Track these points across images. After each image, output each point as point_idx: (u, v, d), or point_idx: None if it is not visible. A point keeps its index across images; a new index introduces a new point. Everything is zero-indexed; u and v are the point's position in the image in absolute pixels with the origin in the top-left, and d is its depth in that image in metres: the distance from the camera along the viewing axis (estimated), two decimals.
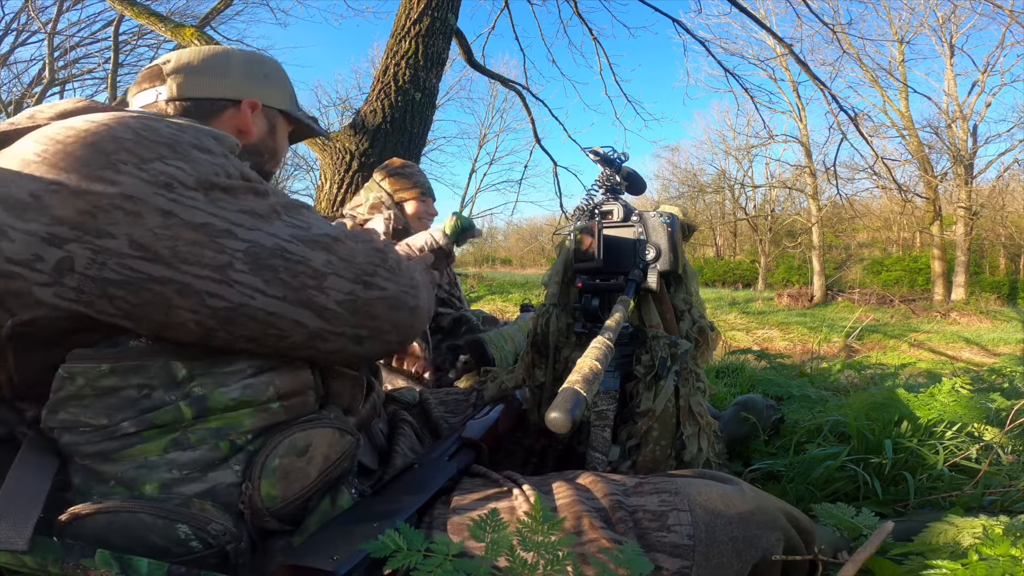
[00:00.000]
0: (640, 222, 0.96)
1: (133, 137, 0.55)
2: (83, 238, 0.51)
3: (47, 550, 0.50)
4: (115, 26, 7.33)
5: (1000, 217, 18.52)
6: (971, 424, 1.26)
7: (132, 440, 0.55)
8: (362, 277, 0.64)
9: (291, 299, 0.58)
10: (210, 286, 0.55)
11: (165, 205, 0.53)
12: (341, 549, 0.54)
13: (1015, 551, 0.61)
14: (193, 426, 0.57)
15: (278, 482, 0.58)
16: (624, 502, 0.65)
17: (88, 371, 0.54)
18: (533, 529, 0.51)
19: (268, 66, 0.91)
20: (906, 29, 15.66)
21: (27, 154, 0.53)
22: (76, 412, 0.55)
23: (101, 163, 0.53)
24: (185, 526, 0.54)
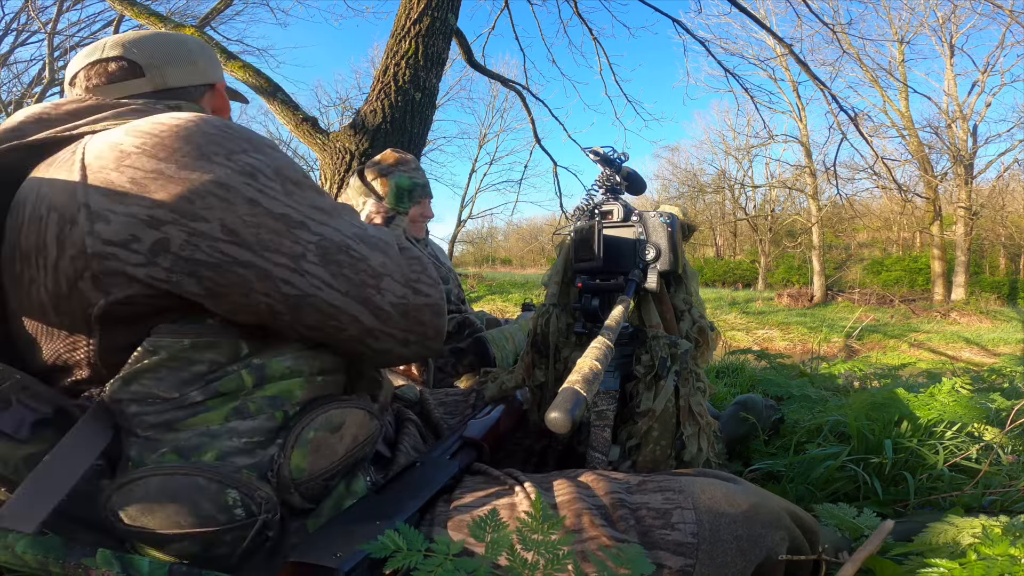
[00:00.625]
0: (640, 222, 0.96)
1: (219, 132, 0.60)
2: (179, 221, 0.55)
3: (48, 549, 0.50)
4: (115, 26, 7.33)
5: (1000, 217, 18.53)
6: (971, 424, 1.26)
7: (198, 409, 0.59)
8: (411, 283, 0.68)
9: (353, 295, 0.63)
10: (285, 274, 0.59)
11: (251, 194, 0.58)
12: (344, 546, 0.54)
13: (1013, 551, 0.61)
14: (253, 394, 0.61)
15: (309, 455, 0.61)
16: (626, 500, 0.65)
17: (172, 345, 0.58)
18: (533, 528, 0.51)
19: (209, 47, 0.92)
20: (906, 29, 15.67)
21: (125, 146, 0.57)
22: (149, 384, 0.58)
23: (196, 154, 0.57)
24: (235, 491, 0.57)
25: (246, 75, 3.02)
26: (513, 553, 0.50)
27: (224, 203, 0.56)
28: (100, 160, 0.57)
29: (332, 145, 2.76)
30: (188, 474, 0.56)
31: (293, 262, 0.59)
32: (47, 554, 0.50)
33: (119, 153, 0.57)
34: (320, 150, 2.81)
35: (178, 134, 0.58)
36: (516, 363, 1.13)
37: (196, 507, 0.55)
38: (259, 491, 0.58)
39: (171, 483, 0.55)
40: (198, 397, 0.59)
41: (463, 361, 1.63)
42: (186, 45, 0.86)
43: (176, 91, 0.83)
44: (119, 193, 0.55)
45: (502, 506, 0.65)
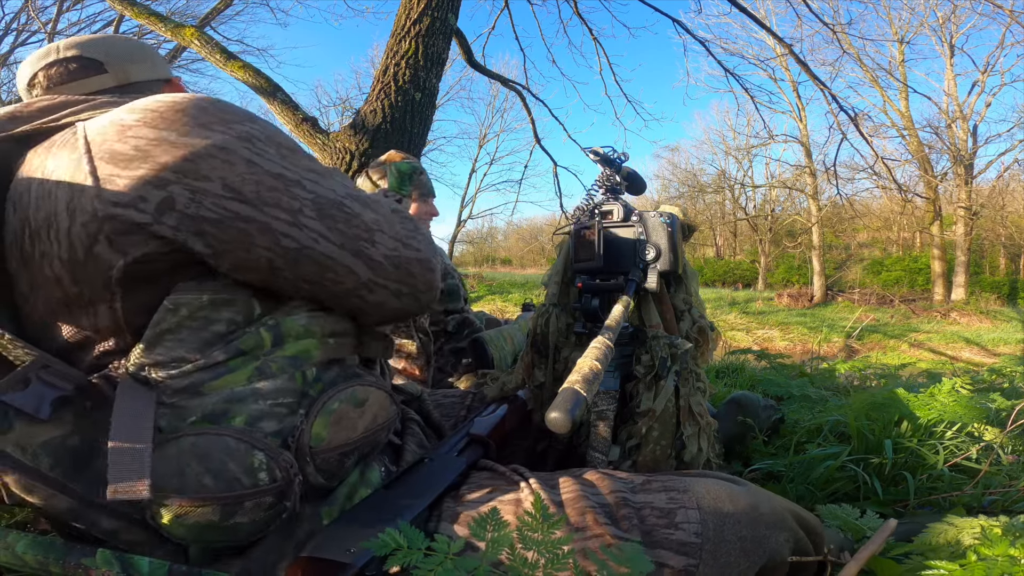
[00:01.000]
0: (640, 222, 0.96)
1: (214, 105, 0.64)
2: (183, 180, 0.58)
3: (48, 549, 0.50)
4: (115, 26, 7.34)
5: (1000, 217, 18.53)
6: (971, 424, 1.26)
7: (221, 370, 0.61)
8: (401, 238, 0.72)
9: (348, 247, 0.66)
10: (284, 227, 0.62)
11: (249, 155, 0.61)
12: (357, 542, 0.55)
13: (1013, 551, 0.61)
14: (272, 353, 0.64)
15: (330, 425, 0.64)
16: (630, 499, 0.66)
17: (192, 302, 0.60)
18: (533, 527, 0.52)
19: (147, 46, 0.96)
20: (906, 29, 15.67)
21: (127, 120, 0.60)
22: (172, 345, 0.60)
23: (194, 123, 0.60)
24: (262, 454, 0.58)
25: (246, 75, 3.02)
26: (513, 552, 0.50)
27: (225, 164, 0.60)
28: (103, 135, 0.59)
29: (332, 145, 2.76)
30: (219, 435, 0.58)
31: (291, 216, 0.63)
32: (47, 554, 0.50)
33: (121, 127, 0.59)
34: (320, 150, 2.81)
35: (176, 107, 0.61)
36: (515, 363, 1.13)
37: (223, 468, 0.57)
38: (283, 455, 0.60)
39: (201, 442, 0.57)
40: (220, 356, 0.61)
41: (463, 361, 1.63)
42: (134, 43, 0.91)
43: (138, 85, 0.86)
44: (125, 159, 0.57)
45: (508, 502, 0.65)
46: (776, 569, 0.66)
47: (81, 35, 0.87)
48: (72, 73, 0.81)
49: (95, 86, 0.82)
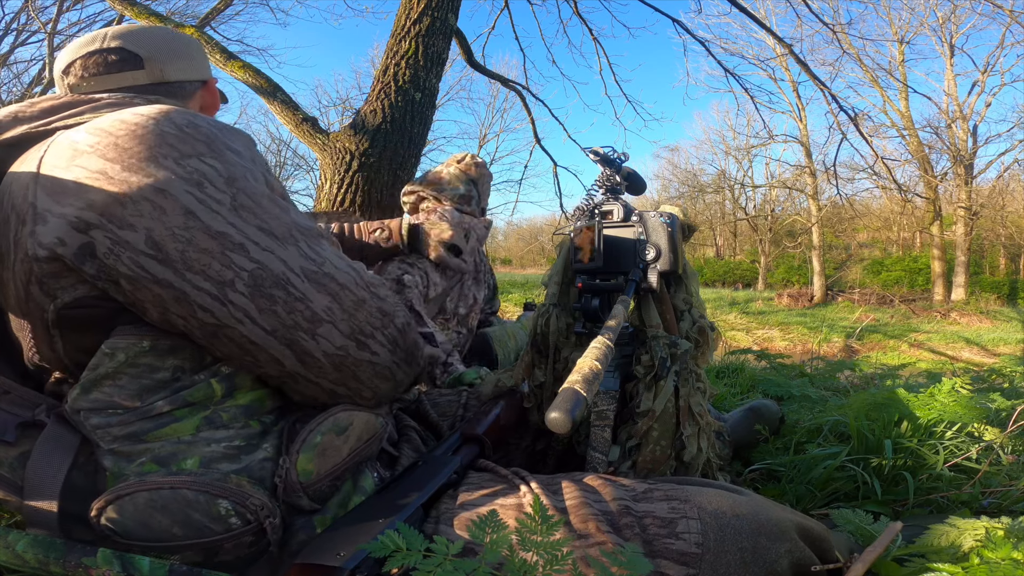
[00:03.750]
0: (640, 222, 0.96)
1: (176, 132, 0.58)
2: (106, 226, 0.53)
3: (49, 548, 0.50)
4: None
5: (1000, 217, 18.52)
6: (971, 424, 1.26)
7: (165, 420, 0.57)
8: (357, 335, 0.63)
9: (279, 335, 0.58)
10: (205, 300, 0.55)
11: (191, 204, 0.55)
12: (348, 546, 0.55)
13: (1016, 554, 0.61)
14: (223, 404, 0.60)
15: (315, 458, 0.60)
16: (632, 508, 0.65)
17: (130, 347, 0.57)
18: (532, 529, 0.51)
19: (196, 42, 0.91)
20: (906, 29, 15.67)
21: (80, 144, 0.56)
22: (110, 392, 0.56)
23: (144, 155, 0.55)
24: (226, 501, 0.55)
25: (246, 75, 3.02)
26: (512, 554, 0.50)
27: (157, 211, 0.54)
28: (55, 158, 0.56)
29: (332, 145, 2.76)
30: (174, 487, 0.54)
31: (217, 288, 0.55)
32: (48, 554, 0.50)
33: (73, 151, 0.56)
34: (320, 150, 2.81)
35: (133, 132, 0.56)
36: (517, 361, 1.13)
37: (188, 519, 0.55)
38: (251, 498, 0.56)
39: (158, 498, 0.54)
40: (165, 407, 0.57)
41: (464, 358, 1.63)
42: (182, 40, 0.86)
43: (172, 85, 0.82)
44: (61, 192, 0.54)
45: (508, 505, 0.64)
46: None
47: (131, 25, 0.85)
48: (109, 65, 0.78)
49: (127, 81, 0.78)
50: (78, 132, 0.58)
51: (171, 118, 0.59)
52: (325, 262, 0.62)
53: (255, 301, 0.56)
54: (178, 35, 0.87)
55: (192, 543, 0.54)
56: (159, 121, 0.58)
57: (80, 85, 0.78)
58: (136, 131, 0.56)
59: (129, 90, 0.78)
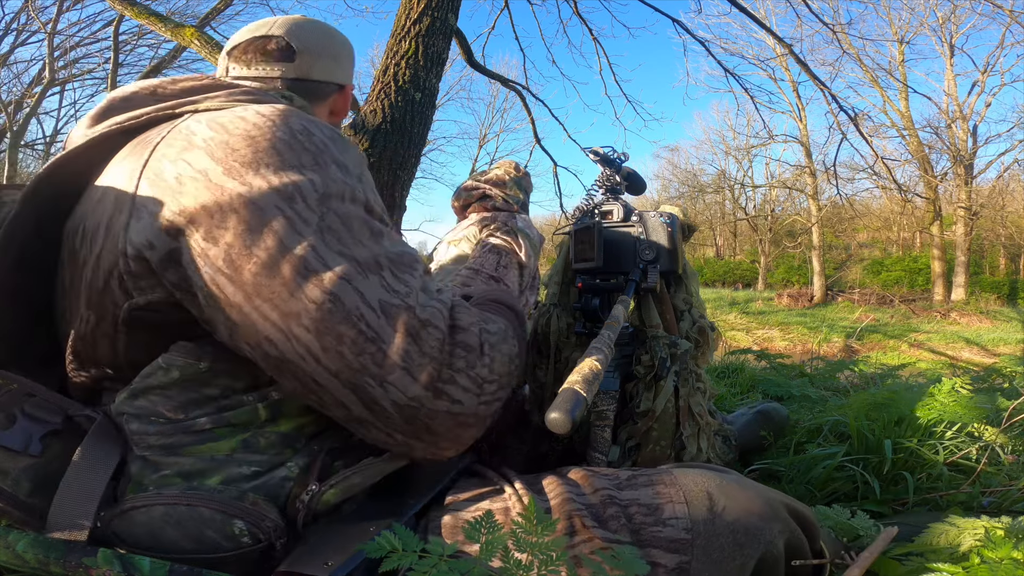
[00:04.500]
0: (640, 222, 0.96)
1: (288, 139, 0.55)
2: (194, 235, 0.51)
3: (49, 548, 0.50)
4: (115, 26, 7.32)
5: (1000, 217, 18.52)
6: (971, 424, 1.26)
7: (204, 436, 0.56)
8: (436, 382, 0.53)
9: (344, 378, 0.51)
10: (270, 331, 0.51)
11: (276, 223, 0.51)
12: (336, 554, 0.53)
13: (1016, 554, 0.61)
14: (265, 428, 0.58)
15: (340, 493, 0.58)
16: (616, 497, 0.63)
17: (187, 367, 0.55)
18: (527, 530, 0.51)
19: (350, 45, 0.91)
20: (906, 29, 15.67)
21: (196, 137, 0.55)
22: (156, 401, 0.55)
23: (247, 160, 0.52)
24: (241, 522, 0.54)
25: None
26: (507, 555, 0.50)
27: (241, 226, 0.50)
28: (169, 146, 0.54)
29: None
30: (191, 504, 0.53)
31: (283, 321, 0.50)
32: (48, 554, 0.50)
33: (186, 143, 0.54)
34: None
35: (247, 133, 0.54)
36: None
37: (200, 535, 0.54)
38: (267, 519, 0.54)
39: (175, 513, 0.53)
40: (206, 424, 0.56)
41: None
42: (337, 41, 0.86)
43: (313, 83, 0.82)
44: (160, 188, 0.52)
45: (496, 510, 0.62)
46: (774, 563, 0.64)
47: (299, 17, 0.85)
48: (266, 53, 0.78)
49: (276, 72, 0.78)
50: (199, 122, 0.56)
51: (288, 123, 0.56)
52: (410, 293, 0.54)
53: (320, 338, 0.50)
54: (336, 36, 0.86)
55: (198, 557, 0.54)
56: (276, 124, 0.55)
57: (233, 67, 0.78)
58: (250, 132, 0.54)
59: (274, 80, 0.79)
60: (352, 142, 0.63)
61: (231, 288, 0.50)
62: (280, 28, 0.80)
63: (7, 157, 9.03)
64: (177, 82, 0.65)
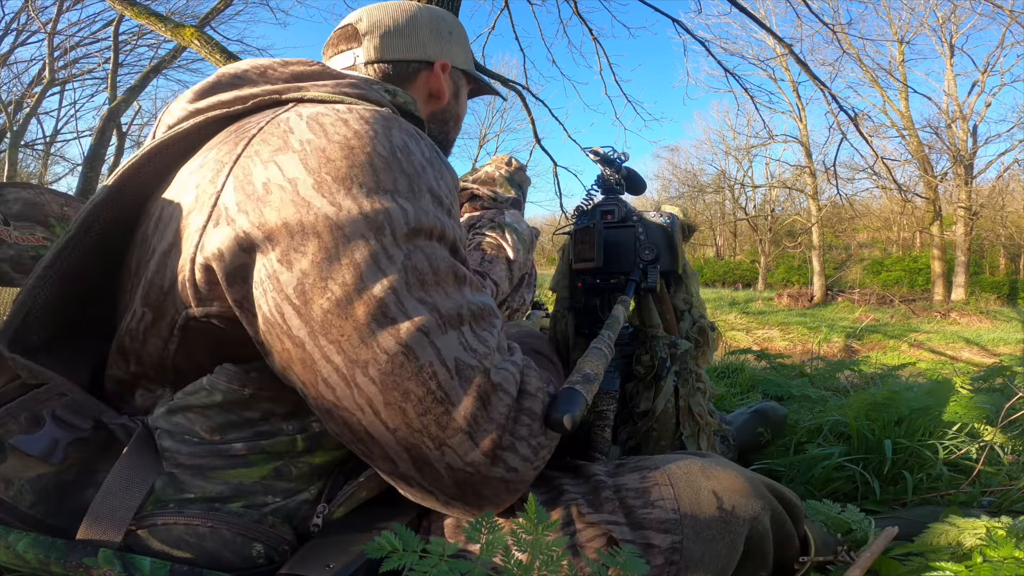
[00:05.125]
0: (640, 222, 0.96)
1: (386, 155, 0.51)
2: (268, 254, 0.47)
3: (50, 548, 0.50)
4: (115, 26, 7.34)
5: (1000, 217, 18.52)
6: (971, 424, 1.26)
7: (237, 462, 0.54)
8: (496, 449, 0.49)
9: (400, 436, 0.47)
10: (330, 375, 0.47)
11: (359, 255, 0.46)
12: (337, 556, 0.53)
13: (1019, 553, 0.61)
14: (299, 459, 0.56)
15: (348, 507, 0.58)
16: (607, 482, 0.63)
17: (230, 392, 0.53)
18: (528, 530, 0.51)
19: (450, 22, 0.85)
20: (906, 29, 15.67)
21: (294, 137, 0.50)
22: (194, 420, 0.53)
23: (340, 175, 0.48)
24: (260, 545, 0.53)
25: None
26: (508, 555, 0.50)
27: (321, 253, 0.46)
28: (263, 143, 0.50)
29: None
30: (214, 527, 0.52)
31: (347, 368, 0.46)
32: (48, 554, 0.50)
33: (281, 143, 0.50)
34: None
35: (346, 142, 0.50)
36: None
37: (218, 556, 0.53)
38: (284, 542, 0.54)
39: (194, 532, 0.52)
40: (241, 450, 0.53)
41: None
42: (407, 14, 0.80)
43: (391, 64, 0.78)
44: (244, 193, 0.48)
45: None
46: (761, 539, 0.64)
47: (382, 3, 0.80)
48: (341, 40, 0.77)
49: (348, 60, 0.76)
50: (300, 118, 0.52)
51: (390, 136, 0.52)
52: (489, 355, 0.50)
53: (385, 393, 0.46)
54: (411, 9, 0.80)
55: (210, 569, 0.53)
56: (376, 136, 0.51)
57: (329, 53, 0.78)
58: (350, 141, 0.50)
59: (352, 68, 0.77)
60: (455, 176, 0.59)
61: (297, 321, 0.46)
62: (354, 15, 0.78)
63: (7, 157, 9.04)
64: (288, 64, 0.62)
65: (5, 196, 0.72)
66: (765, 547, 0.65)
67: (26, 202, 0.76)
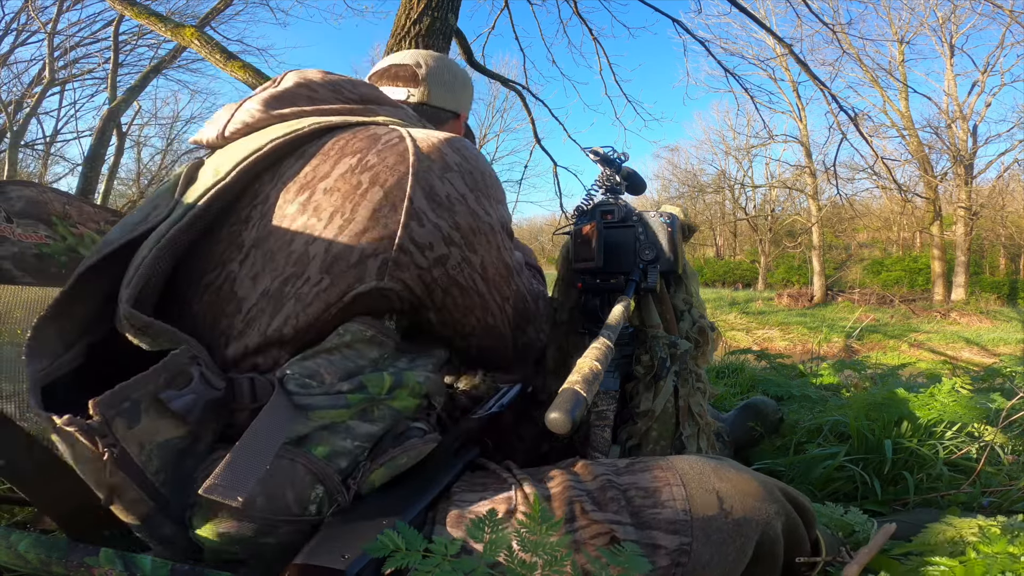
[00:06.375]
0: (640, 222, 0.97)
1: (495, 178, 0.72)
2: (463, 248, 0.66)
3: (51, 548, 0.50)
4: (115, 26, 7.34)
5: (1000, 217, 18.52)
6: (971, 424, 1.26)
7: (338, 401, 0.59)
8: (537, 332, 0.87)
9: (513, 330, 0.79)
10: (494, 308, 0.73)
11: (498, 243, 0.71)
12: (351, 547, 0.53)
13: (1012, 548, 0.62)
14: (382, 401, 0.63)
15: (386, 473, 0.61)
16: (615, 481, 0.64)
17: (358, 332, 0.62)
18: (531, 529, 0.51)
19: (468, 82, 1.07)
20: (906, 29, 15.68)
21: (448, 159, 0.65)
22: (320, 363, 0.59)
23: (484, 193, 0.68)
24: (322, 488, 0.57)
25: (246, 75, 3.02)
26: (511, 555, 0.50)
27: (490, 244, 0.69)
28: (428, 162, 0.63)
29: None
30: (292, 460, 0.56)
31: (503, 303, 0.74)
32: (50, 553, 0.50)
33: (444, 164, 0.64)
34: None
35: (478, 168, 0.68)
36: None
37: (280, 494, 0.55)
38: (339, 493, 0.58)
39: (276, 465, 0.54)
40: (345, 387, 0.60)
41: None
42: (457, 74, 1.02)
43: (431, 108, 0.98)
44: (435, 202, 0.63)
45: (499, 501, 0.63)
46: (772, 545, 0.64)
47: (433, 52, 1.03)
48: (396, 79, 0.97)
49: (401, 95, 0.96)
50: (441, 143, 0.65)
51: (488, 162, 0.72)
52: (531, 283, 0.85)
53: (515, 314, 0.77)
54: (457, 70, 1.03)
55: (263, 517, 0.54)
56: (483, 159, 0.71)
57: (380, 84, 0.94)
58: (479, 165, 0.68)
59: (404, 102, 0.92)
60: None
61: (483, 284, 0.70)
62: (410, 58, 0.97)
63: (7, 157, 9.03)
64: (356, 86, 0.73)
65: (8, 194, 0.73)
66: (776, 551, 0.65)
67: (29, 200, 0.77)
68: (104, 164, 7.52)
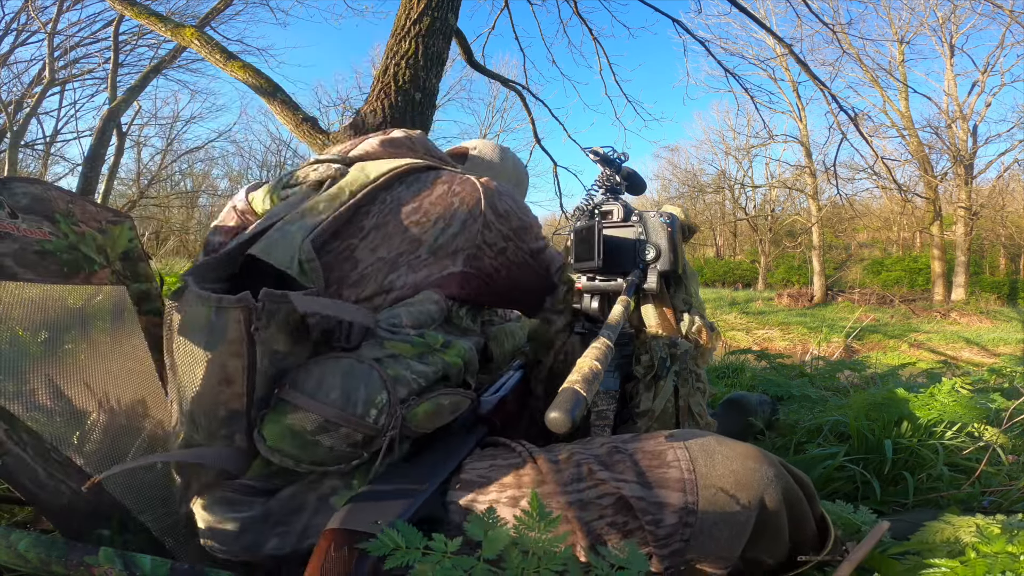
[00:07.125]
0: (640, 222, 0.97)
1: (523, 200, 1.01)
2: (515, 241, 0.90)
3: (51, 548, 0.50)
4: (115, 26, 7.33)
5: (1000, 217, 18.52)
6: (971, 424, 1.26)
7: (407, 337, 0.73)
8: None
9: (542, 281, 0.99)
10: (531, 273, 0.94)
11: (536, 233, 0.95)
12: (381, 514, 0.57)
13: (1012, 548, 0.62)
14: (436, 351, 0.76)
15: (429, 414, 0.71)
16: (621, 447, 0.70)
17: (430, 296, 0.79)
18: (530, 526, 0.52)
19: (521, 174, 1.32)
20: (906, 29, 15.68)
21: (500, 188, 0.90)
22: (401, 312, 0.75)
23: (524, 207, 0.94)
24: (386, 394, 0.66)
25: (246, 75, 3.02)
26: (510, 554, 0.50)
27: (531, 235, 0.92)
28: (490, 191, 0.87)
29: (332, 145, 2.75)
30: (371, 367, 0.66)
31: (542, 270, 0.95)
32: (50, 553, 0.50)
33: (499, 192, 0.89)
34: (320, 150, 2.81)
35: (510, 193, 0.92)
36: (512, 361, 1.13)
37: (354, 390, 0.64)
38: (395, 409, 0.67)
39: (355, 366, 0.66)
40: (412, 333, 0.74)
41: None
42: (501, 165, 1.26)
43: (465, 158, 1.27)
44: (499, 215, 0.87)
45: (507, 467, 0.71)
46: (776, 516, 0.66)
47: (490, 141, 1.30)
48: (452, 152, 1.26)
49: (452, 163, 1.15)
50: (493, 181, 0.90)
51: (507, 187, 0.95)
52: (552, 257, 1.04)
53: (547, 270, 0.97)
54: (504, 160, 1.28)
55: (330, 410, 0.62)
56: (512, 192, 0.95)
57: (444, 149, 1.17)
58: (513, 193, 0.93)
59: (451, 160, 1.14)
60: None
61: (532, 261, 0.92)
62: (472, 143, 1.27)
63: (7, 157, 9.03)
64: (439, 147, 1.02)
65: (14, 190, 0.73)
66: (779, 523, 0.67)
67: (34, 197, 0.78)
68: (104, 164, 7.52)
